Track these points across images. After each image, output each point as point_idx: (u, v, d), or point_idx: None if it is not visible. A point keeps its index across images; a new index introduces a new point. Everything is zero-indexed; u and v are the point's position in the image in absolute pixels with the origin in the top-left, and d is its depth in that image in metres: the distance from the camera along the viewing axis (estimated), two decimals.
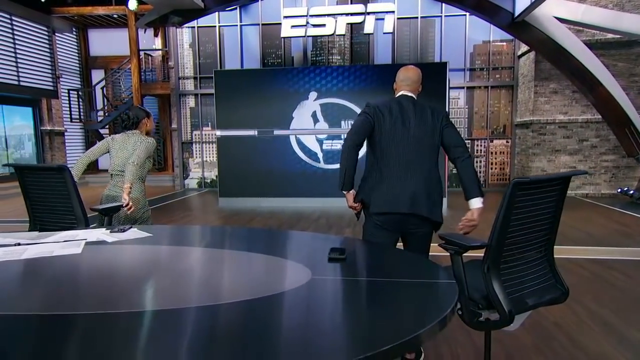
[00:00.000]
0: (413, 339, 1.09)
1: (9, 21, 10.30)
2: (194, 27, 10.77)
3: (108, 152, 3.18)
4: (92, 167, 14.63)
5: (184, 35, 10.98)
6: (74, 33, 13.41)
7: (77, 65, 13.80)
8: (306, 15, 9.39)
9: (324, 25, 9.34)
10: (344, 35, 9.83)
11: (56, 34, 12.21)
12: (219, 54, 10.82)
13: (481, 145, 10.39)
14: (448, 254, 1.75)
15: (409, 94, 2.47)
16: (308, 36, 9.89)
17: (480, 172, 10.44)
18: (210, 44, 10.88)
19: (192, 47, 10.97)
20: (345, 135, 2.40)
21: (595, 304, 3.37)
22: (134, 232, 2.14)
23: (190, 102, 11.17)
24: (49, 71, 11.53)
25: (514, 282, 1.57)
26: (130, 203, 2.88)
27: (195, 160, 11.31)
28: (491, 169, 10.41)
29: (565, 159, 9.09)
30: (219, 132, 8.37)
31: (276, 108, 8.16)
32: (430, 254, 2.60)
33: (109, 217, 2.64)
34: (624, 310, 3.25)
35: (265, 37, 10.69)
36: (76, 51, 13.70)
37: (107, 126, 13.85)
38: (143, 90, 12.37)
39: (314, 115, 8.13)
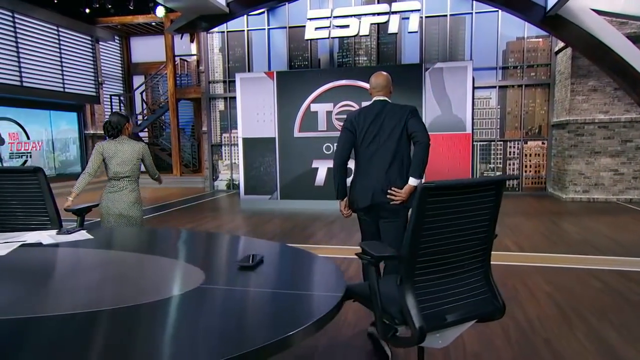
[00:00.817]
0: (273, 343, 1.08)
1: (55, 32, 11.04)
2: (223, 31, 11.04)
3: (103, 160, 3.35)
4: None
5: (214, 40, 11.28)
6: (117, 41, 14.15)
7: (120, 71, 14.55)
8: (330, 17, 9.36)
9: (347, 26, 9.26)
10: (368, 35, 9.69)
11: (100, 42, 12.95)
12: (247, 57, 11.01)
13: (514, 147, 9.89)
14: None
15: (381, 98, 2.82)
16: (332, 38, 9.84)
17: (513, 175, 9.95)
18: (239, 47, 11.11)
19: (222, 51, 11.24)
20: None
21: (599, 320, 3.09)
22: (80, 235, 2.20)
23: (220, 105, 11.45)
24: (92, 78, 12.23)
25: (430, 295, 1.45)
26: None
27: (224, 162, 11.57)
28: (525, 172, 9.88)
29: (606, 161, 8.46)
30: (242, 135, 8.51)
31: (296, 110, 8.18)
32: None
33: (81, 217, 2.73)
34: (629, 330, 2.96)
35: (292, 40, 10.77)
36: (119, 58, 14.45)
37: (146, 129, 14.50)
38: (178, 95, 12.85)
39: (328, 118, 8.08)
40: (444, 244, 1.45)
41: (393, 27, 9.16)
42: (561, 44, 9.06)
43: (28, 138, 10.79)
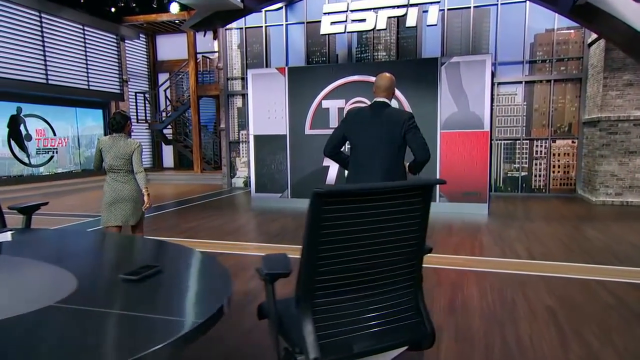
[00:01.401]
0: None
1: (81, 31, 11.34)
2: (242, 28, 10.99)
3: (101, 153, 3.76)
4: (157, 165, 15.65)
5: (232, 37, 11.25)
6: (142, 39, 14.42)
7: (146, 69, 14.83)
8: (346, 11, 9.10)
9: (364, 20, 8.97)
10: (385, 29, 9.37)
11: (125, 41, 13.22)
12: (265, 53, 10.92)
13: (541, 146, 9.31)
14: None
15: (381, 100, 2.96)
16: (348, 32, 9.57)
17: (539, 176, 9.37)
18: (257, 44, 11.03)
19: (240, 47, 11.20)
20: None
21: (601, 344, 2.74)
22: (2, 236, 2.10)
23: (238, 102, 11.43)
24: (117, 76, 12.50)
25: (333, 321, 1.23)
26: (149, 205, 3.81)
27: (242, 159, 11.55)
28: (553, 172, 9.29)
29: None
30: (253, 132, 8.43)
31: (306, 107, 8.00)
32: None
33: (27, 215, 2.66)
34: (634, 357, 2.60)
35: (310, 36, 10.58)
36: (145, 56, 14.73)
37: (169, 126, 14.72)
38: (199, 92, 12.95)
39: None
40: (350, 260, 1.23)
41: (411, 21, 8.80)
42: (595, 35, 8.43)
43: (54, 134, 11.14)
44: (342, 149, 3.14)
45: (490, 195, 9.24)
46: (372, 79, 7.81)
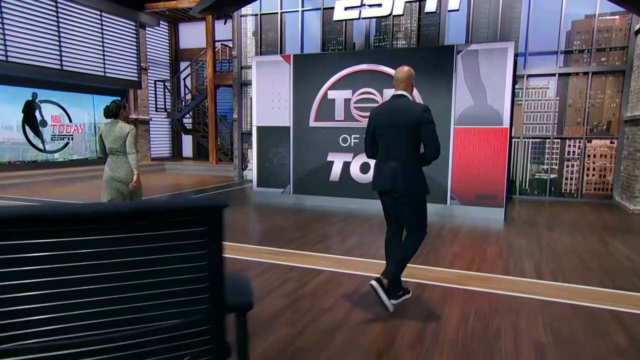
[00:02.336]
0: None
1: (98, 17, 11.28)
2: (257, 14, 10.58)
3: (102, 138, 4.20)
4: (176, 155, 15.60)
5: (247, 24, 10.87)
6: (163, 27, 14.31)
7: (167, 57, 14.74)
8: None
9: (379, 5, 8.34)
10: (402, 15, 8.69)
11: (146, 28, 13.12)
12: (279, 41, 10.47)
13: (574, 146, 8.37)
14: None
15: (399, 92, 3.09)
16: (362, 18, 8.95)
17: (570, 179, 8.44)
18: (272, 31, 10.59)
19: (255, 35, 10.80)
20: None
21: None
22: None
23: (251, 91, 11.03)
24: (135, 63, 12.42)
25: None
26: (136, 184, 4.20)
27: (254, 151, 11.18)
28: (587, 175, 8.34)
29: None
30: (256, 123, 8.03)
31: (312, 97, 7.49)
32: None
33: None
34: None
35: (327, 23, 10.03)
36: (166, 44, 14.64)
37: (189, 116, 14.58)
38: (217, 81, 12.68)
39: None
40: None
41: (431, 6, 8.11)
42: None
43: (70, 121, 11.19)
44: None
45: (512, 199, 8.46)
46: (381, 67, 7.25)
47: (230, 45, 13.64)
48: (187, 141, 15.55)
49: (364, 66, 7.16)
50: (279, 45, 10.49)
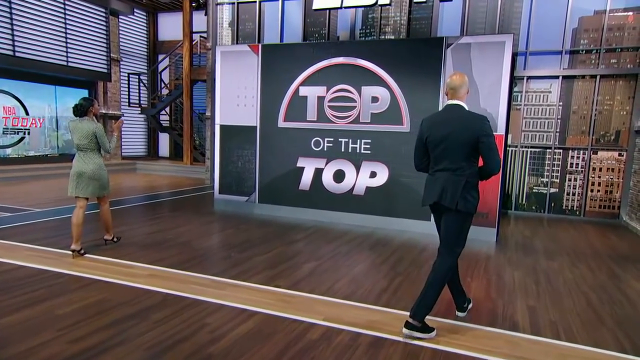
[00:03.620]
0: None
1: (60, 1, 10.32)
2: (234, 2, 9.66)
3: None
4: (152, 154, 14.66)
5: (224, 13, 9.94)
6: (140, 16, 13.37)
7: (145, 49, 13.81)
8: None
9: None
10: (389, 4, 7.79)
11: (119, 16, 12.18)
12: (257, 32, 9.55)
13: (578, 158, 7.45)
14: None
15: (455, 102, 2.88)
16: (345, 7, 8.04)
17: (573, 194, 7.52)
18: (251, 22, 9.66)
19: (232, 25, 9.88)
20: None
21: None
22: None
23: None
24: (104, 54, 11.46)
25: None
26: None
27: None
28: (591, 190, 7.43)
29: None
30: (219, 121, 7.10)
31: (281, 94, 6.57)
32: None
33: None
34: None
35: (309, 14, 9.11)
36: (144, 35, 13.71)
37: (164, 112, 13.64)
38: (193, 75, 11.76)
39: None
40: None
41: None
42: None
43: (27, 114, 10.23)
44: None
45: (507, 214, 7.54)
46: (359, 62, 6.32)
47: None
48: (164, 140, 14.60)
49: (340, 59, 6.23)
50: (257, 37, 9.57)
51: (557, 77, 7.48)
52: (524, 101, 7.65)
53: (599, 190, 7.40)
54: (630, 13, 7.14)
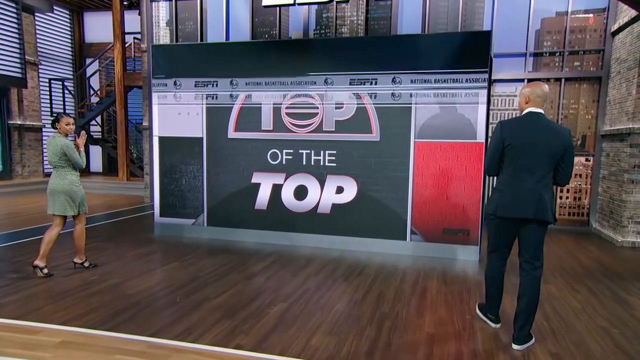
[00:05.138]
0: None
1: None
2: (171, 0, 8.63)
3: None
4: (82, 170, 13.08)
5: (160, 11, 8.88)
6: (62, 14, 11.88)
7: (69, 51, 12.29)
8: None
9: None
10: (347, 2, 7.17)
11: (35, 14, 10.67)
12: (199, 32, 8.57)
13: None
14: None
15: (538, 110, 2.81)
16: (298, 4, 7.33)
17: None
18: (191, 21, 8.68)
19: (170, 25, 8.83)
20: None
21: None
22: None
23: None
24: (17, 56, 9.93)
25: None
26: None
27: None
28: (560, 197, 7.17)
29: None
30: (157, 132, 6.09)
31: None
32: None
33: None
34: None
35: (258, 12, 8.30)
36: (68, 36, 12.20)
37: (96, 122, 12.20)
38: (127, 81, 10.49)
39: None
40: None
41: None
42: (621, 22, 6.36)
43: None
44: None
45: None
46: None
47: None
48: (96, 153, 13.06)
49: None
50: (199, 38, 8.59)
51: (522, 80, 7.17)
52: (490, 105, 7.28)
53: (567, 197, 7.15)
54: (591, 15, 6.98)
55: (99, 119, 12.39)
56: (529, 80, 7.15)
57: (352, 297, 3.81)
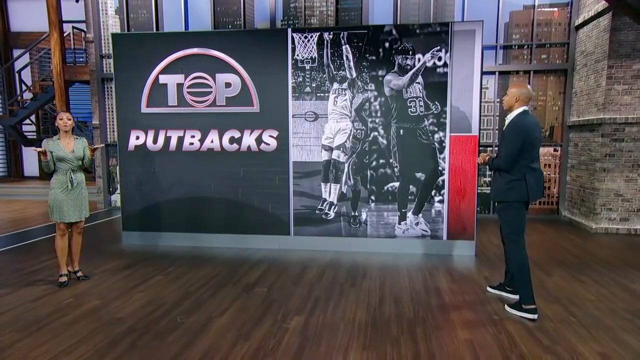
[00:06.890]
0: None
1: None
2: None
3: None
4: (15, 174, 11.79)
5: None
6: None
7: None
8: None
9: None
10: None
11: None
12: (154, 21, 7.86)
13: None
14: None
15: (527, 108, 3.30)
16: None
17: None
18: (144, 9, 7.93)
19: (120, 13, 8.02)
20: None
21: None
22: None
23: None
24: None
25: None
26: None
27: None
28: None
29: None
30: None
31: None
32: None
33: None
34: None
35: (220, 2, 7.74)
36: None
37: (29, 122, 10.95)
38: (68, 75, 9.42)
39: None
40: None
41: None
42: (585, 16, 6.59)
43: None
44: None
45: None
46: (213, 52, 5.10)
47: (85, 28, 10.47)
48: (31, 156, 11.73)
49: (195, 50, 5.11)
50: (154, 27, 7.88)
51: (493, 72, 7.25)
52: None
53: None
54: (556, 9, 7.18)
55: (33, 117, 11.11)
56: (500, 73, 7.25)
57: (368, 303, 3.55)
